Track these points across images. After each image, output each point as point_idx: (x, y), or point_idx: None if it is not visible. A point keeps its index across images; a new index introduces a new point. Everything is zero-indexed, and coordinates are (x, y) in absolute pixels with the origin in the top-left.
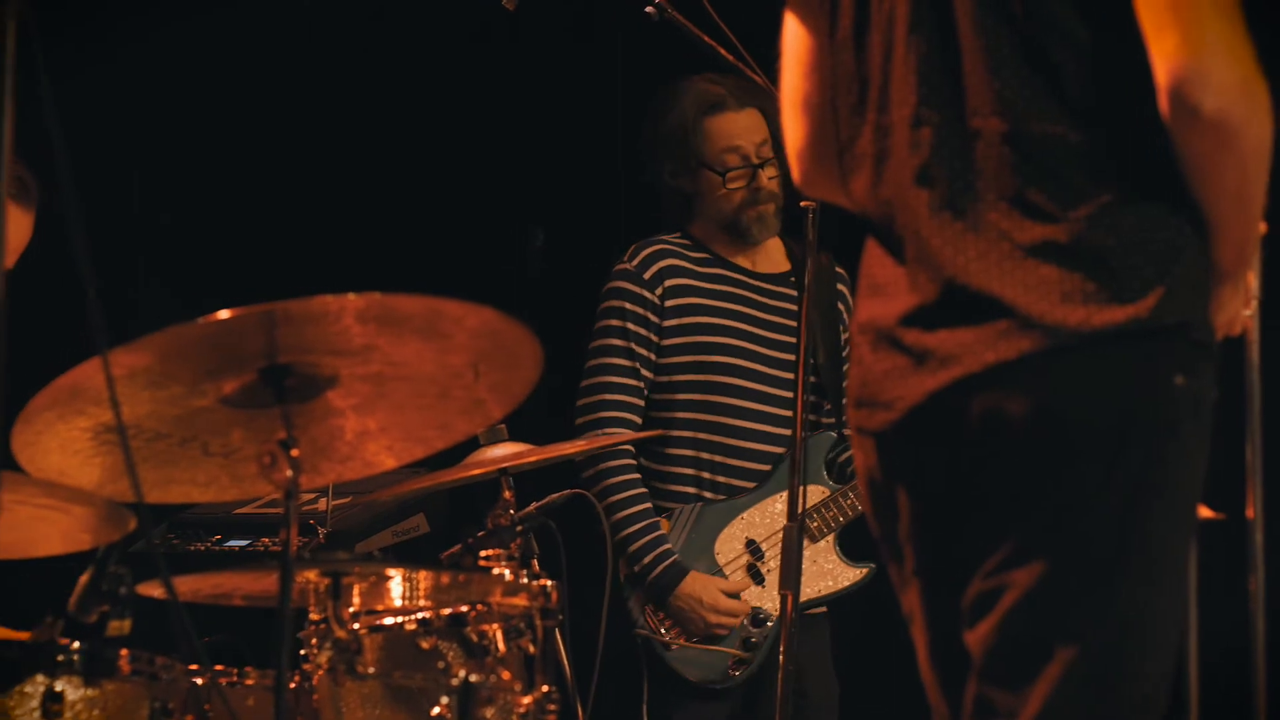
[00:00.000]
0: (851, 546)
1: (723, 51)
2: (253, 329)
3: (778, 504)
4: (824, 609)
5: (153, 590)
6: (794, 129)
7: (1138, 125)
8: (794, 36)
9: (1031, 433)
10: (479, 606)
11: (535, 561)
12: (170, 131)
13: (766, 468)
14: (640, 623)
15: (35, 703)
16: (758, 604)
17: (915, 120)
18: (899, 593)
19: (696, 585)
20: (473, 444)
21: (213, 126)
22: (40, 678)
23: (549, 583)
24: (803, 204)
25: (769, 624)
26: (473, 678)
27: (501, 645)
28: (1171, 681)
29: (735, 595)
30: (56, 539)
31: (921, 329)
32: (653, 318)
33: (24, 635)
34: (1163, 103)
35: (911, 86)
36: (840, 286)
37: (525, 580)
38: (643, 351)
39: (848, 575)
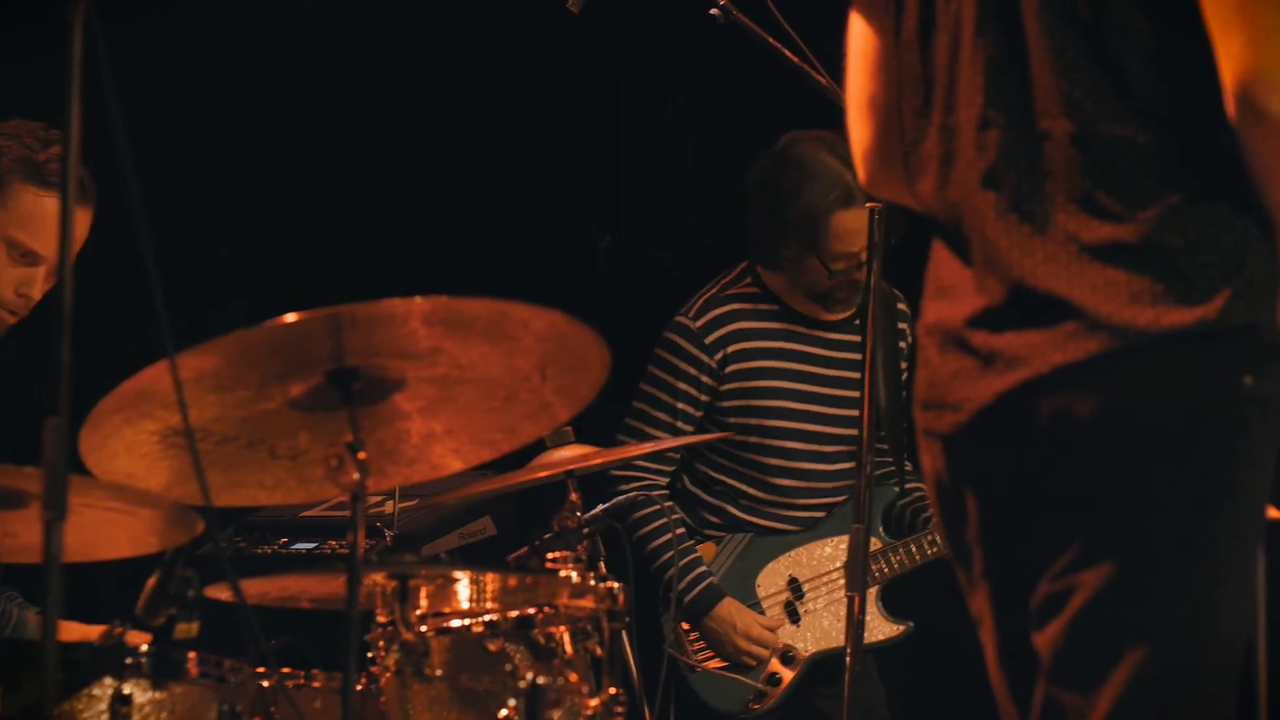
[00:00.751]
0: (894, 602)
1: (787, 53)
2: (319, 332)
3: (827, 548)
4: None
5: (220, 593)
6: (860, 130)
7: (1205, 126)
8: (860, 36)
9: (1100, 434)
10: (546, 609)
11: (602, 564)
12: (237, 134)
13: (821, 515)
14: (670, 641)
15: (103, 705)
16: (789, 641)
17: (982, 122)
18: (967, 595)
19: (730, 611)
20: (539, 446)
21: (280, 128)
22: (108, 680)
23: (616, 585)
24: (868, 205)
25: (796, 663)
26: (540, 680)
27: (569, 647)
28: (1239, 683)
29: (770, 630)
30: (124, 542)
31: (989, 331)
32: (706, 379)
33: (92, 636)
34: (1229, 104)
35: (978, 88)
36: (901, 324)
37: (592, 582)
38: (686, 409)
39: (885, 629)
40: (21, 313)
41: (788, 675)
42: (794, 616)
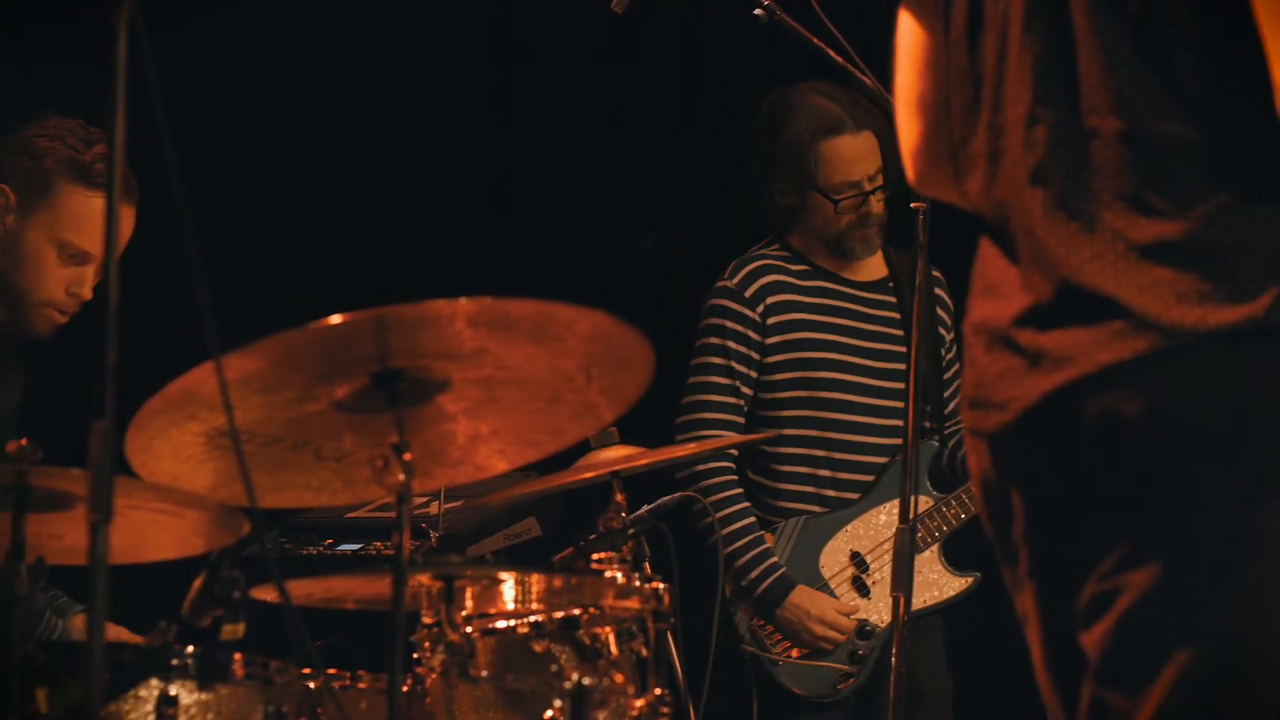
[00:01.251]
0: (956, 555)
1: (831, 53)
2: (365, 334)
3: (881, 515)
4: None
5: (266, 594)
6: (908, 128)
7: (1255, 125)
8: (908, 35)
9: (1147, 433)
10: (591, 609)
11: (647, 564)
12: (280, 134)
13: (871, 478)
14: (747, 639)
15: (150, 707)
16: (863, 615)
17: (1030, 119)
18: (1013, 595)
19: (804, 598)
20: (584, 447)
21: (323, 128)
22: (154, 682)
23: (661, 585)
24: (913, 205)
25: (875, 636)
26: (585, 681)
27: (614, 648)
28: None
29: (845, 613)
30: (170, 543)
31: (1036, 329)
32: (753, 335)
33: (138, 639)
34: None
35: (1026, 85)
36: (938, 291)
37: (637, 583)
38: (742, 369)
39: (954, 584)
40: (72, 311)
41: (869, 649)
42: (863, 590)
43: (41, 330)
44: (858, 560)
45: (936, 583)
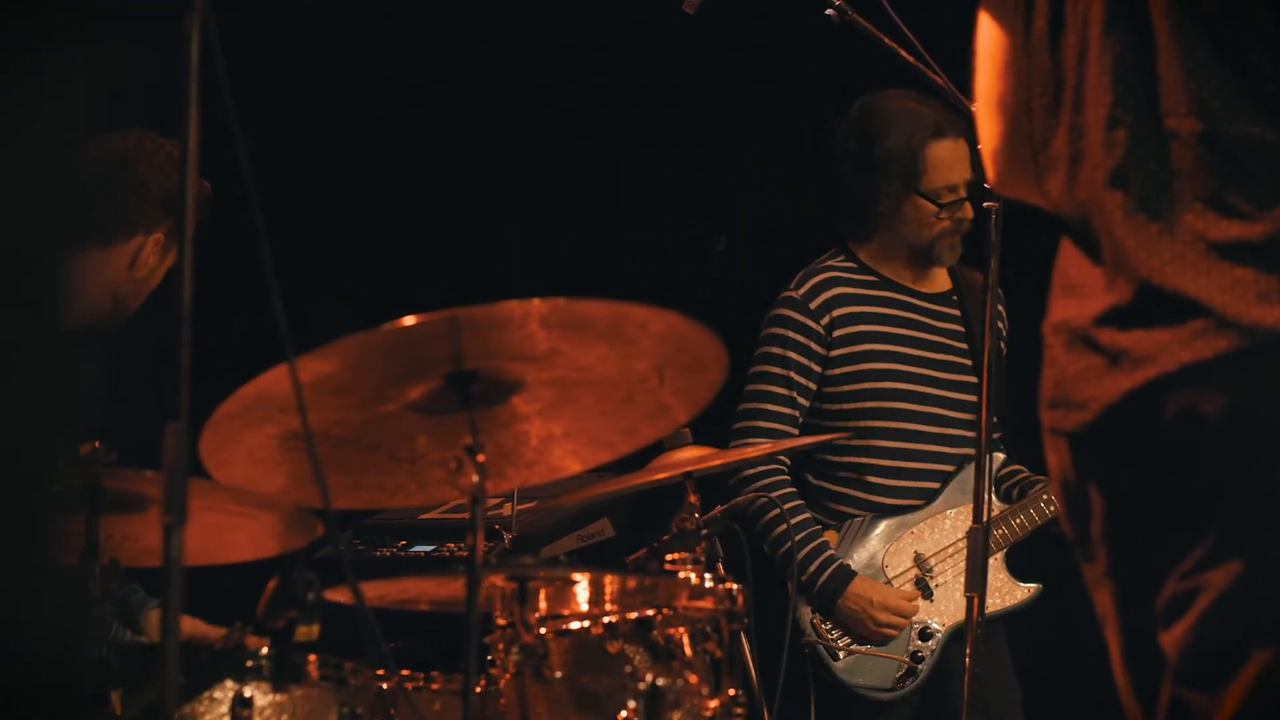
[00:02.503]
0: (1019, 565)
1: (903, 53)
2: (438, 335)
3: (946, 520)
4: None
5: (340, 596)
6: (989, 129)
7: None
8: (988, 36)
9: (1227, 432)
10: (665, 610)
11: (720, 565)
12: (357, 137)
13: (936, 485)
14: (809, 632)
15: (224, 708)
16: (925, 617)
17: (1110, 121)
18: (1092, 594)
19: (865, 586)
20: (657, 448)
21: (395, 129)
22: (229, 683)
23: (734, 586)
24: (985, 205)
25: (935, 638)
26: (660, 681)
27: (688, 649)
28: None
29: (906, 600)
30: (244, 545)
31: (1116, 329)
32: (816, 347)
33: (215, 630)
34: None
35: (1106, 87)
36: (999, 307)
37: (711, 584)
38: (801, 380)
39: (1016, 593)
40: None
41: (929, 650)
42: (926, 592)
43: (111, 321)
44: (921, 562)
45: (999, 590)
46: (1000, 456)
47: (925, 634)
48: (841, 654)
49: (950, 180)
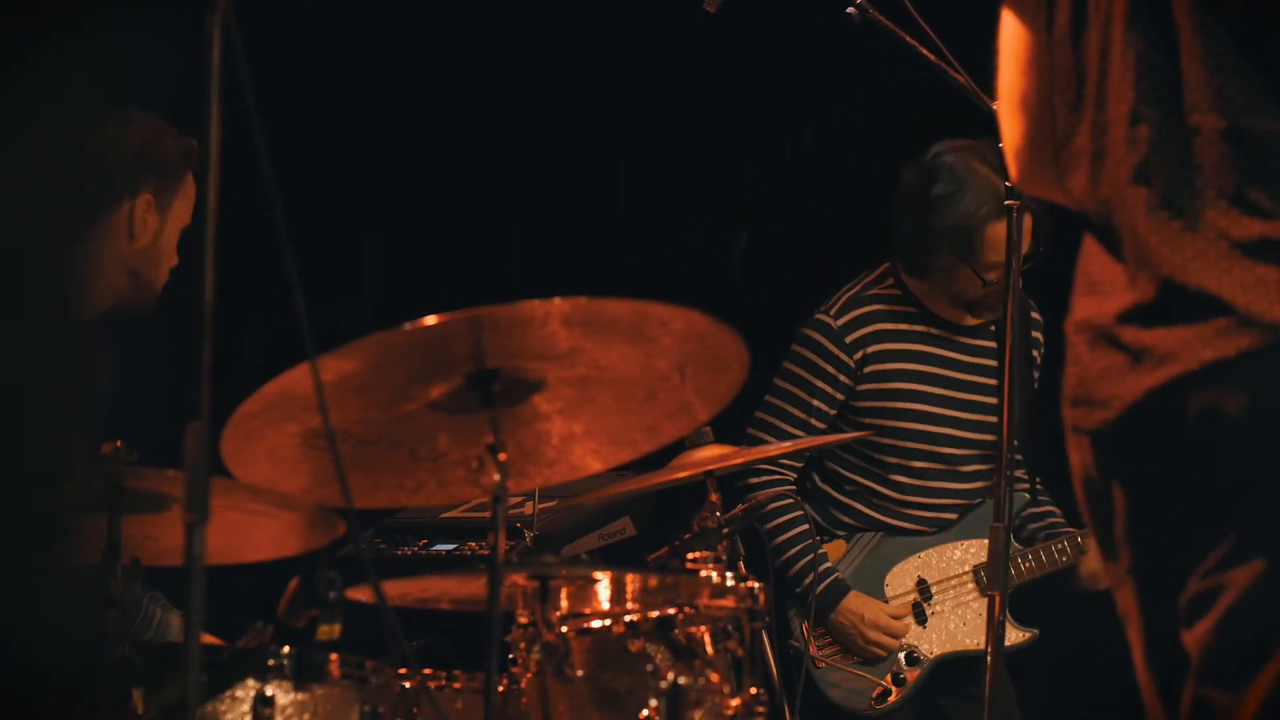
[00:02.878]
0: (1020, 609)
1: (925, 52)
2: (459, 334)
3: (957, 551)
4: None
5: (361, 594)
6: (1011, 127)
7: None
8: (1011, 33)
9: (1249, 430)
10: (687, 609)
11: (742, 564)
12: (378, 137)
13: (953, 516)
14: (795, 635)
15: (246, 707)
16: (915, 642)
17: (1133, 117)
18: (1114, 592)
19: (858, 602)
20: (679, 447)
21: (414, 129)
22: (251, 682)
23: (756, 585)
24: (1007, 203)
25: (920, 665)
26: (681, 680)
27: (709, 647)
28: None
29: (898, 619)
30: (266, 544)
31: (1139, 327)
32: (843, 379)
33: (218, 641)
34: None
35: (1129, 84)
36: (1036, 334)
37: (732, 582)
38: (820, 406)
39: (1013, 635)
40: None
41: (912, 675)
42: (921, 618)
43: (147, 309)
44: (923, 587)
45: None
46: (1024, 497)
47: (911, 658)
48: (820, 663)
49: (1003, 258)
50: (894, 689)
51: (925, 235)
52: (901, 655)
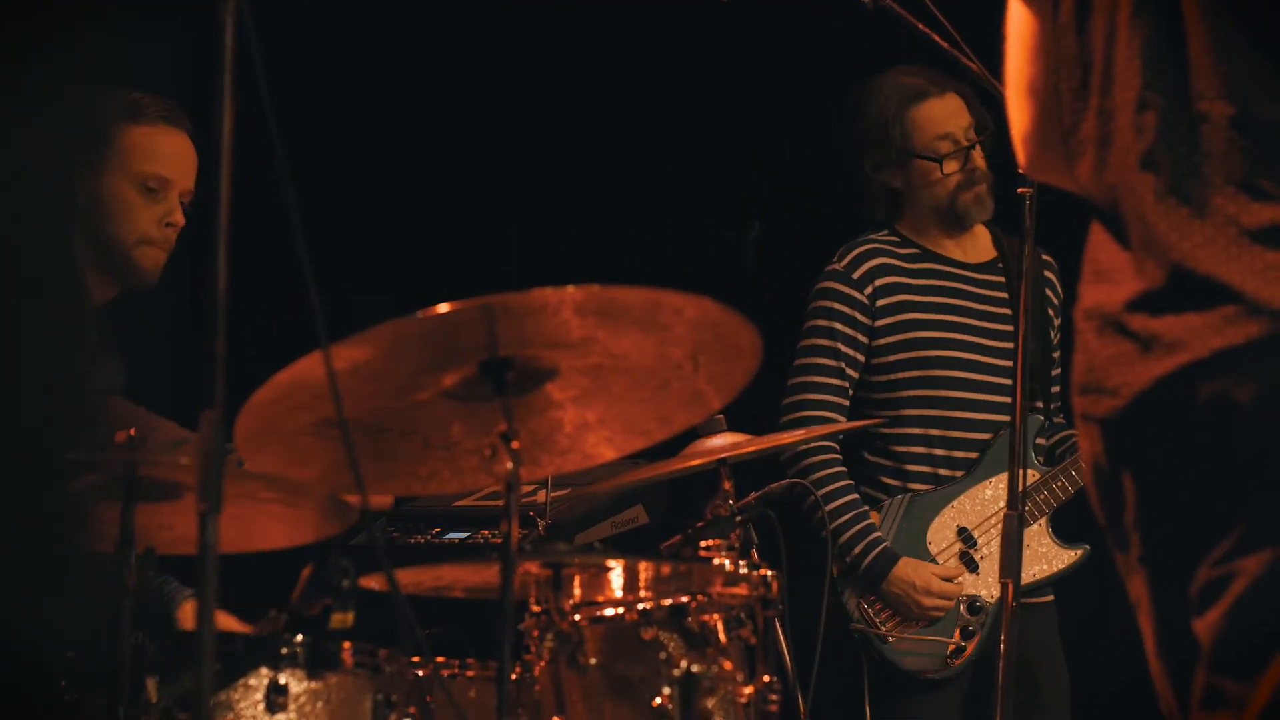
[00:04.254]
0: (1064, 529)
1: (937, 39)
2: (472, 323)
3: (987, 490)
4: (1050, 598)
5: (374, 583)
6: (1019, 114)
7: None
8: (1017, 20)
9: (1259, 417)
10: (700, 597)
11: (755, 552)
12: (388, 125)
13: (974, 455)
14: (856, 618)
15: (260, 695)
16: (973, 590)
17: (1140, 104)
18: (1125, 580)
19: (909, 569)
20: (691, 435)
21: (426, 118)
22: (264, 670)
23: (769, 573)
24: (1020, 190)
25: (985, 611)
26: (694, 668)
27: (722, 635)
28: None
29: (949, 580)
30: (279, 532)
31: (1148, 314)
32: (861, 317)
33: (248, 628)
34: None
35: (1135, 70)
36: (1048, 274)
37: (745, 571)
38: (849, 351)
39: (1063, 557)
40: (169, 246)
41: (979, 624)
42: (972, 565)
43: (148, 272)
44: (965, 536)
45: (1045, 556)
46: (1040, 420)
47: (974, 608)
48: (890, 638)
49: (944, 131)
50: (966, 643)
51: (861, 153)
52: (963, 607)
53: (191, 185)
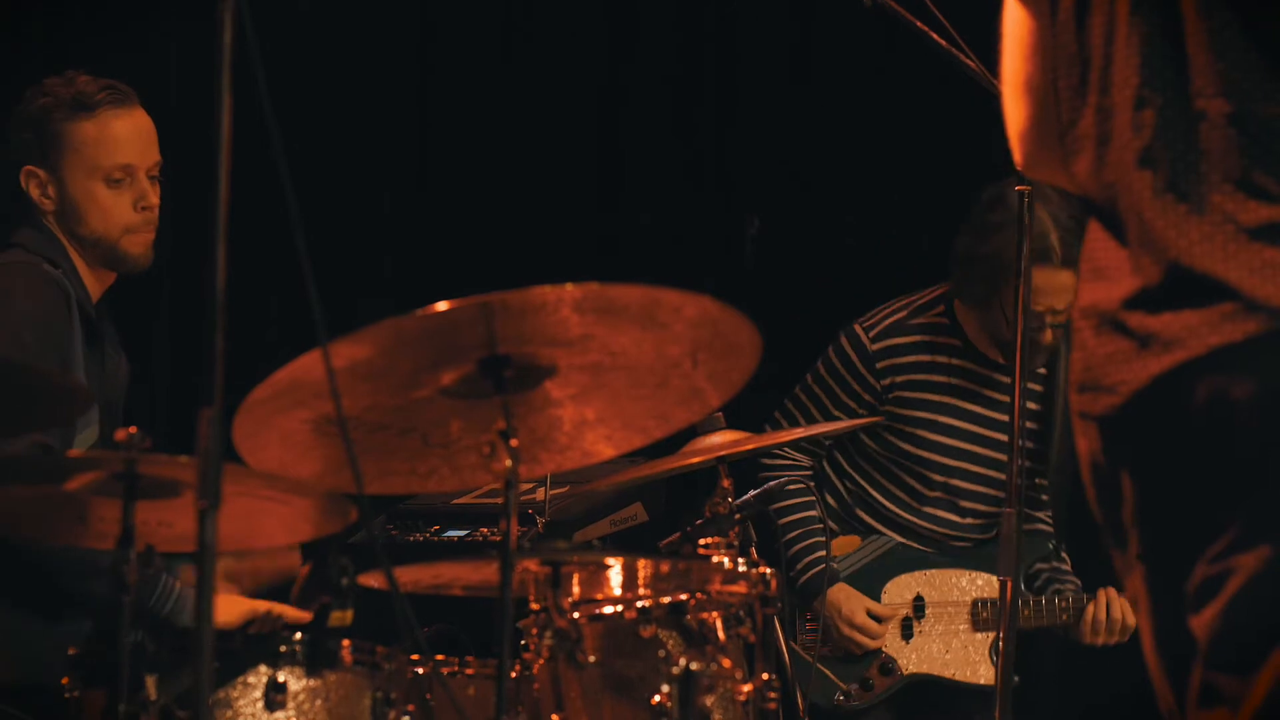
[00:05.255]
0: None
1: (936, 38)
2: (471, 321)
3: (963, 579)
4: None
5: (373, 581)
6: (1015, 110)
7: None
8: (1015, 18)
9: (1256, 415)
10: (699, 595)
11: (754, 549)
12: (390, 123)
13: (965, 544)
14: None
15: (258, 693)
16: (894, 654)
17: (1138, 101)
18: (1122, 578)
19: (840, 595)
20: (690, 432)
21: (425, 117)
22: (263, 668)
23: (768, 570)
24: (1018, 188)
25: (891, 679)
26: (693, 666)
27: (721, 633)
28: None
29: (879, 621)
30: (278, 530)
31: (1145, 312)
32: (866, 398)
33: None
34: None
35: (1133, 68)
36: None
37: (744, 568)
38: (841, 417)
39: (987, 675)
40: (154, 225)
41: (881, 684)
42: (907, 633)
43: (138, 258)
44: (918, 604)
45: (974, 665)
46: (1047, 547)
47: (885, 668)
48: (794, 645)
49: (1048, 306)
50: (861, 693)
51: (970, 258)
52: (877, 662)
53: (156, 157)
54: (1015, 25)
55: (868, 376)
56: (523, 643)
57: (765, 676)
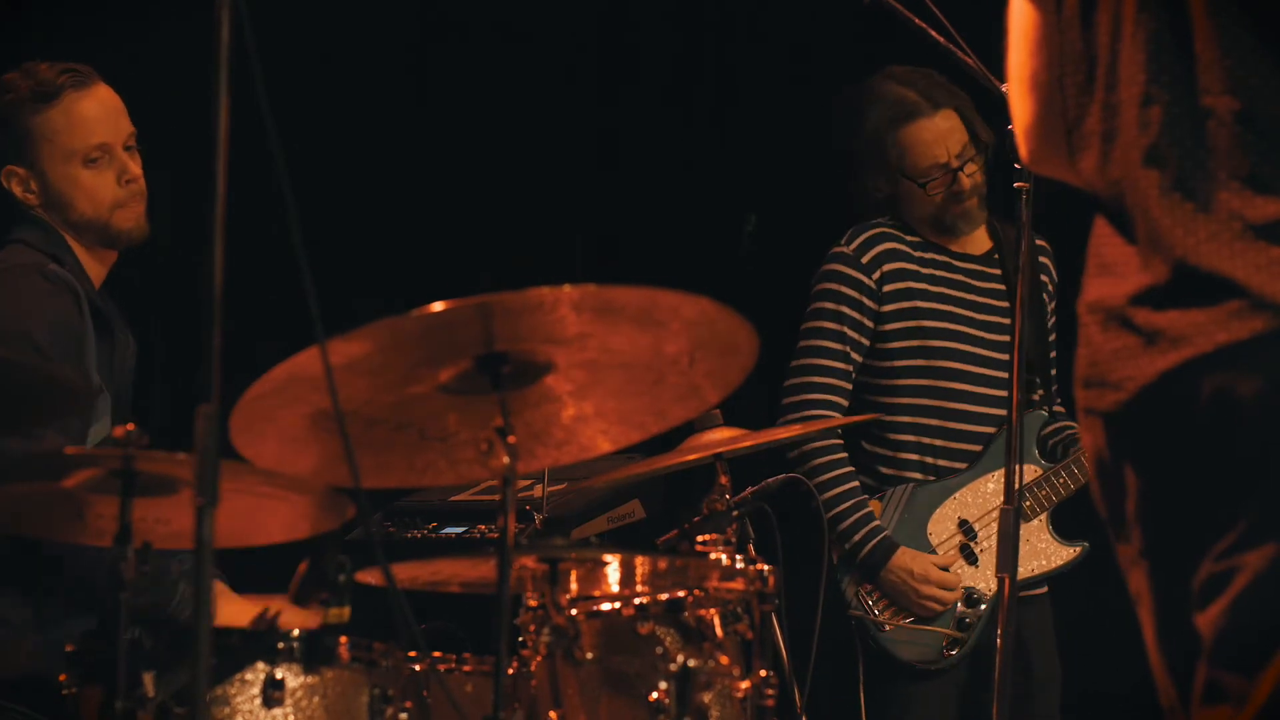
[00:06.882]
0: (1064, 525)
1: (934, 34)
2: (469, 320)
3: (989, 483)
4: (1045, 589)
5: (371, 578)
6: (1021, 107)
7: None
8: (1020, 14)
9: (1263, 412)
10: (696, 591)
11: (751, 546)
12: (382, 121)
13: (978, 448)
14: (854, 604)
15: (256, 690)
16: (971, 583)
17: (1145, 99)
18: (1126, 574)
19: (907, 559)
20: (688, 429)
21: (423, 115)
22: (261, 665)
23: (765, 567)
24: (1016, 185)
25: (983, 604)
26: (691, 663)
27: (719, 630)
28: None
29: (948, 571)
30: (275, 527)
31: (1152, 309)
32: (868, 302)
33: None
34: None
35: (1140, 64)
36: (1043, 259)
37: (742, 565)
38: (854, 335)
39: (1061, 554)
40: (142, 197)
41: (975, 616)
42: (971, 558)
43: (132, 230)
44: (965, 528)
45: (1044, 551)
46: (1042, 415)
47: (971, 599)
48: (886, 626)
49: (935, 159)
50: (962, 635)
51: (852, 163)
52: (961, 600)
53: (129, 128)
54: (1021, 21)
55: (859, 276)
56: (520, 640)
57: (763, 673)
